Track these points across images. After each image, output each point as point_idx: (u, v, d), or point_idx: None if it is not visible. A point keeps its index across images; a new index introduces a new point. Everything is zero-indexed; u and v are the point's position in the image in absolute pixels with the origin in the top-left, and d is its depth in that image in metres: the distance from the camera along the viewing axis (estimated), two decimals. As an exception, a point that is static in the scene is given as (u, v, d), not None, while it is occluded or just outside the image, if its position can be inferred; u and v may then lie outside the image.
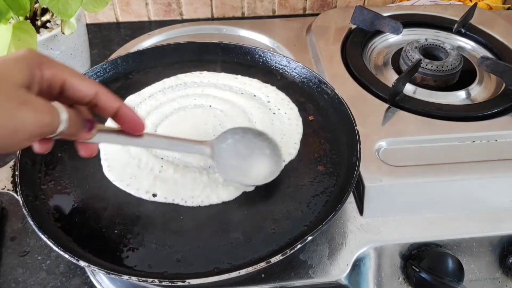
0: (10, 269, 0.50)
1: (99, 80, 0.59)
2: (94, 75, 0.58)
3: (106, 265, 0.40)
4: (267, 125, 0.53)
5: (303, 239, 0.39)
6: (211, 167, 0.48)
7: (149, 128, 0.52)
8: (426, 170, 0.51)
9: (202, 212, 0.45)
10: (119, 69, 0.60)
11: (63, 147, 0.51)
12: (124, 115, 0.38)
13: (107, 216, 0.44)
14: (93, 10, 0.59)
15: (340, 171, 0.48)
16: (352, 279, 0.47)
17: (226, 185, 0.46)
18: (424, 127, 0.56)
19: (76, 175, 0.48)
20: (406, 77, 0.60)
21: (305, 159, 0.50)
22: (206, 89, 0.58)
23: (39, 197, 0.45)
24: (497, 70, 0.63)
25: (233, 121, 0.53)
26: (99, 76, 0.59)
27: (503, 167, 0.52)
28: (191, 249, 0.41)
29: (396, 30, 0.72)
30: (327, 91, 0.56)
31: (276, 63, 0.62)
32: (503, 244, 0.50)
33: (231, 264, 0.40)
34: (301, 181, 0.48)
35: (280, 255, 0.38)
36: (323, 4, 0.93)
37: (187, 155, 0.49)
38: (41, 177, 0.48)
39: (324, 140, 0.52)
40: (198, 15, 0.92)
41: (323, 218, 0.42)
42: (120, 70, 0.61)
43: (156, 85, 0.59)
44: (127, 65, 0.61)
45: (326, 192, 0.47)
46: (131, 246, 0.42)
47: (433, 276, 0.45)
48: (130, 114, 0.38)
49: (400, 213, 0.50)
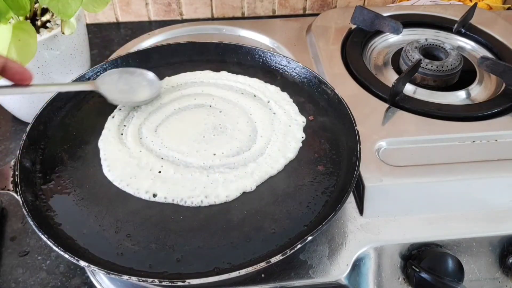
0: (10, 269, 0.50)
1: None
2: (94, 75, 0.58)
3: (106, 265, 0.40)
4: (267, 125, 0.53)
5: (303, 239, 0.39)
6: (211, 167, 0.48)
7: (150, 128, 0.53)
8: (426, 170, 0.51)
9: (202, 212, 0.45)
10: (119, 69, 0.60)
11: (63, 147, 0.51)
12: (12, 68, 0.43)
13: (107, 216, 0.44)
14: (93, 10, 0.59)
15: (340, 171, 0.48)
16: (352, 279, 0.47)
17: (226, 185, 0.46)
18: (424, 127, 0.56)
19: (76, 175, 0.48)
20: (406, 77, 0.60)
21: (305, 159, 0.50)
22: (206, 89, 0.58)
23: (39, 197, 0.45)
24: (497, 70, 0.63)
25: (233, 121, 0.53)
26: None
27: (503, 167, 0.52)
28: (191, 249, 0.42)
29: (396, 30, 0.72)
30: (327, 91, 0.56)
31: (276, 63, 0.62)
32: (503, 244, 0.50)
33: (231, 264, 0.40)
34: (301, 181, 0.48)
35: (280, 255, 0.38)
36: (323, 4, 0.93)
37: (187, 155, 0.49)
38: (41, 177, 0.48)
39: (324, 140, 0.52)
40: (198, 15, 0.92)
41: (323, 218, 0.42)
42: (120, 70, 0.60)
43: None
44: (127, 65, 0.61)
45: (326, 192, 0.47)
46: (131, 246, 0.42)
47: (433, 276, 0.45)
48: (16, 67, 0.43)
49: (400, 213, 0.50)
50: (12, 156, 0.62)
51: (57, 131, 0.53)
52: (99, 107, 0.56)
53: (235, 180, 0.47)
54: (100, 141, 0.51)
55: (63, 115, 0.55)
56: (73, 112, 0.55)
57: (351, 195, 0.51)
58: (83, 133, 0.53)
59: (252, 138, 0.52)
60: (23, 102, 0.63)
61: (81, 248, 0.41)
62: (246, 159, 0.49)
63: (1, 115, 0.69)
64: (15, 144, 0.65)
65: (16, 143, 0.65)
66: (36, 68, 0.58)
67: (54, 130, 0.53)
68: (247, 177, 0.47)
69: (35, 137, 0.50)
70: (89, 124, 0.54)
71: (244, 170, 0.48)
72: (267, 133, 0.52)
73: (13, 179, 0.45)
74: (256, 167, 0.48)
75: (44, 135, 0.52)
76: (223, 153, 0.50)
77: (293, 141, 0.52)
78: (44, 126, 0.52)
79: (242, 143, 0.51)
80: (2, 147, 0.64)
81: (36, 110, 0.52)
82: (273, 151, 0.50)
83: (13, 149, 0.64)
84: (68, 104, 0.56)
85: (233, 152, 0.50)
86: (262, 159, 0.49)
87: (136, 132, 0.52)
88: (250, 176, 0.47)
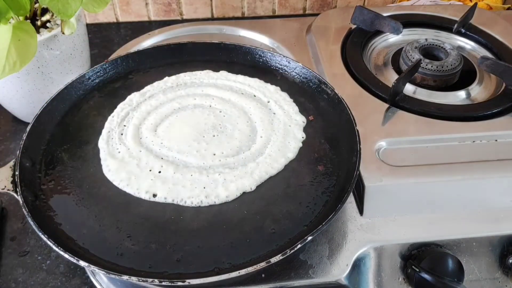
0: (10, 269, 0.50)
1: (99, 80, 0.59)
2: (94, 75, 0.58)
3: (106, 265, 0.40)
4: (267, 125, 0.53)
5: (303, 239, 0.39)
6: (211, 167, 0.48)
7: (150, 128, 0.52)
8: (426, 170, 0.51)
9: (202, 212, 0.45)
10: (119, 69, 0.60)
11: (63, 147, 0.51)
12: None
13: (107, 216, 0.44)
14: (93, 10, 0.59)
15: (340, 171, 0.48)
16: (352, 279, 0.47)
17: (226, 185, 0.46)
18: (424, 127, 0.56)
19: (76, 175, 0.48)
20: (406, 77, 0.60)
21: (305, 159, 0.50)
22: (206, 89, 0.58)
23: (39, 197, 0.45)
24: (497, 70, 0.63)
25: (233, 121, 0.53)
26: (99, 76, 0.59)
27: (503, 167, 0.52)
28: (191, 249, 0.41)
29: (396, 30, 0.72)
30: (327, 91, 0.56)
31: (276, 63, 0.62)
32: (503, 244, 0.50)
33: (231, 264, 0.40)
34: (301, 181, 0.48)
35: (280, 255, 0.38)
36: (323, 4, 0.93)
37: (187, 155, 0.49)
38: (41, 177, 0.48)
39: (324, 140, 0.52)
40: (198, 15, 0.92)
41: (323, 218, 0.42)
42: (120, 70, 0.61)
43: (156, 84, 0.59)
44: (127, 65, 0.61)
45: (326, 192, 0.46)
46: (131, 246, 0.42)
47: (433, 276, 0.45)
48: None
49: (400, 213, 0.50)
50: (12, 156, 0.62)
51: (57, 131, 0.53)
52: (99, 107, 0.56)
53: (235, 180, 0.47)
54: (100, 141, 0.51)
55: (63, 115, 0.55)
56: (73, 112, 0.55)
57: (351, 195, 0.51)
58: (83, 133, 0.53)
59: (252, 138, 0.52)
60: (23, 102, 0.63)
61: (81, 248, 0.41)
62: (246, 159, 0.49)
63: (1, 115, 0.69)
64: (15, 144, 0.65)
65: (16, 143, 0.65)
66: (36, 68, 0.58)
67: (54, 130, 0.53)
68: (247, 177, 0.47)
69: (35, 137, 0.50)
70: (89, 124, 0.54)
71: (244, 170, 0.48)
72: (267, 133, 0.52)
73: (13, 179, 0.45)
74: (256, 167, 0.48)
75: (44, 135, 0.52)
76: (223, 153, 0.50)
77: (293, 141, 0.52)
78: (44, 126, 0.52)
79: (242, 143, 0.51)
80: (2, 147, 0.64)
81: (36, 110, 0.52)
82: (273, 151, 0.50)
83: (13, 149, 0.64)
84: (68, 104, 0.56)
85: (233, 152, 0.50)
86: (262, 159, 0.49)
87: (136, 132, 0.52)
88: (250, 176, 0.47)
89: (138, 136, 0.52)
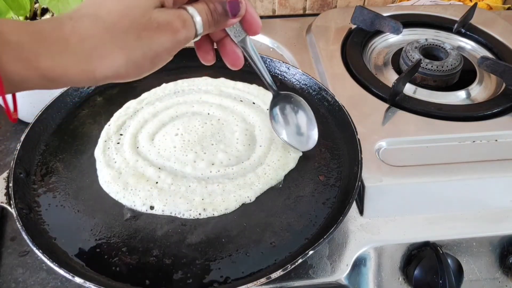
0: (10, 269, 0.50)
1: (95, 87, 0.58)
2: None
3: (102, 281, 0.39)
4: (267, 133, 0.52)
5: (304, 254, 0.39)
6: (209, 177, 0.47)
7: (146, 137, 0.51)
8: (426, 170, 0.51)
9: (201, 225, 0.44)
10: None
11: (58, 157, 0.50)
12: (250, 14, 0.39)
13: (103, 229, 0.43)
14: (93, 10, 0.59)
15: (341, 181, 0.48)
16: (352, 279, 0.47)
17: (225, 196, 0.45)
18: (424, 127, 0.56)
19: (72, 186, 0.47)
20: (406, 77, 0.60)
21: (305, 169, 0.49)
22: (204, 96, 0.57)
23: (33, 210, 0.44)
24: (497, 70, 0.63)
25: (232, 129, 0.52)
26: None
27: (503, 167, 0.52)
28: (189, 263, 0.41)
29: (396, 30, 0.72)
30: (327, 98, 0.55)
31: (275, 69, 0.61)
32: (503, 244, 0.50)
33: (230, 279, 0.39)
34: (302, 191, 0.47)
35: (281, 270, 0.38)
36: (323, 4, 0.93)
37: (184, 165, 0.48)
38: (35, 188, 0.46)
39: (325, 149, 0.51)
40: (198, 15, 0.92)
41: (324, 231, 0.41)
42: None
43: (153, 91, 0.58)
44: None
45: (327, 203, 0.46)
46: (128, 260, 0.41)
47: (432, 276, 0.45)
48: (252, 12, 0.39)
49: (400, 213, 0.50)
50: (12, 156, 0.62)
51: (52, 140, 0.52)
52: (95, 115, 0.55)
53: (234, 190, 0.46)
54: (96, 150, 0.50)
55: (58, 124, 0.54)
56: (69, 120, 0.54)
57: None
58: (79, 142, 0.52)
59: (251, 147, 0.51)
60: (23, 102, 0.62)
61: (77, 263, 0.40)
62: (245, 169, 0.48)
63: (1, 115, 0.68)
64: (15, 144, 0.64)
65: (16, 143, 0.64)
66: (36, 68, 0.58)
67: (49, 139, 0.52)
68: (246, 188, 0.46)
69: (29, 146, 0.49)
70: (85, 133, 0.53)
71: (243, 180, 0.47)
72: (266, 142, 0.51)
73: (6, 191, 0.43)
74: (256, 178, 0.47)
75: (39, 144, 0.51)
76: (222, 162, 0.48)
77: (293, 150, 0.51)
78: (39, 135, 0.51)
79: (241, 152, 0.50)
80: (2, 147, 0.64)
81: (36, 110, 0.52)
82: (273, 161, 0.49)
83: (13, 149, 0.64)
84: (63, 112, 0.55)
85: (231, 162, 0.49)
86: (261, 169, 0.48)
87: (133, 141, 0.51)
88: (249, 187, 0.46)
89: (135, 145, 0.51)
